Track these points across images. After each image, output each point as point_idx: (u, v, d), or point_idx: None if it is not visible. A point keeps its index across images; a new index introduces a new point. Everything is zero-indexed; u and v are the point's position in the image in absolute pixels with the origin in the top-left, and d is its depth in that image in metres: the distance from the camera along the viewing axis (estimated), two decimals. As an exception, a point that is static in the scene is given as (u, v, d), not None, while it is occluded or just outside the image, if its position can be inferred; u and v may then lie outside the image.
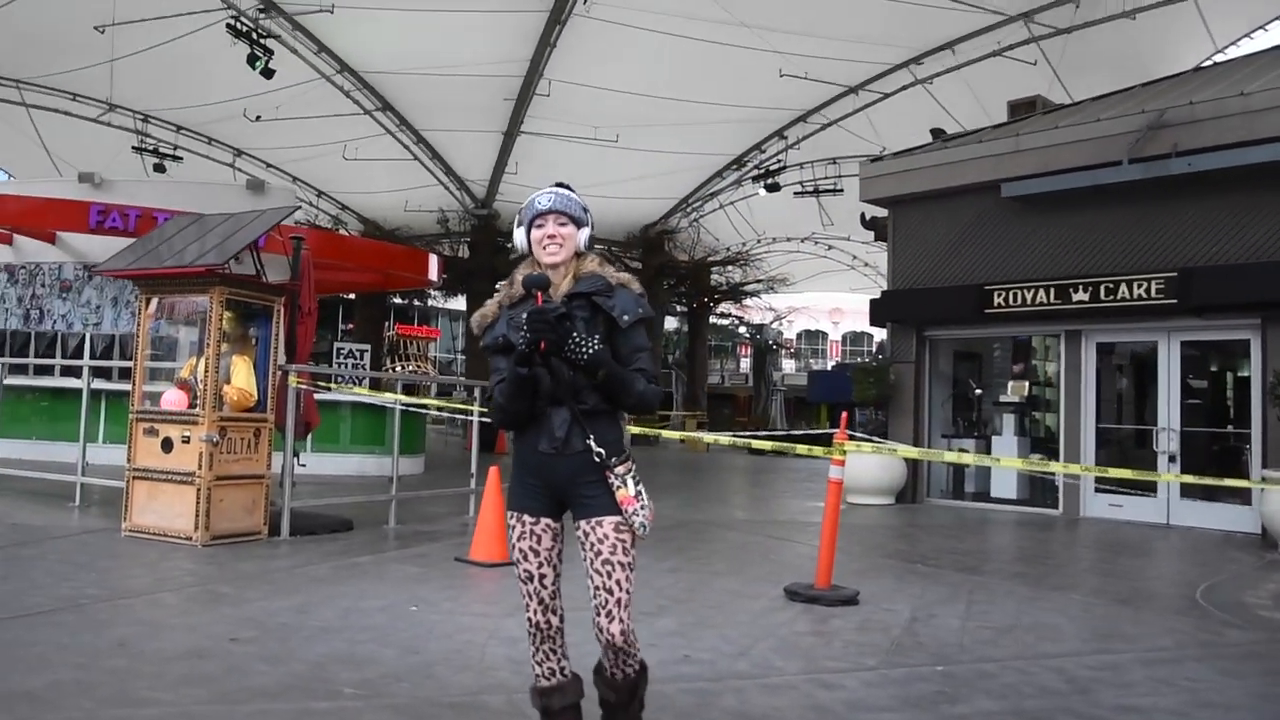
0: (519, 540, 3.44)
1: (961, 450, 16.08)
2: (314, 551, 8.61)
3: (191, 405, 8.91)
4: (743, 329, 51.45)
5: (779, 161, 31.63)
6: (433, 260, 22.86)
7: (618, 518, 3.36)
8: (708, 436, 16.63)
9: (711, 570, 8.71)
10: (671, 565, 8.81)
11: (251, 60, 23.06)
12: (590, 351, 3.28)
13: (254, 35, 22.98)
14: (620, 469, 3.37)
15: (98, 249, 17.33)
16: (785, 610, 7.00)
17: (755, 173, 32.98)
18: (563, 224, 3.48)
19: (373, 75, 28.47)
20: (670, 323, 51.36)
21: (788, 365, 65.01)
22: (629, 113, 28.31)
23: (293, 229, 14.72)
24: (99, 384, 13.18)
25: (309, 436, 11.21)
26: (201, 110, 30.43)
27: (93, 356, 18.57)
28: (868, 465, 15.06)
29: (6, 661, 4.84)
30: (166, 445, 8.94)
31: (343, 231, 37.07)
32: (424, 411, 15.18)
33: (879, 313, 17.11)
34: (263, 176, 32.58)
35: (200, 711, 4.21)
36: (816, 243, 40.20)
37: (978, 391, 17.90)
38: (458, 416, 15.55)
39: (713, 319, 46.67)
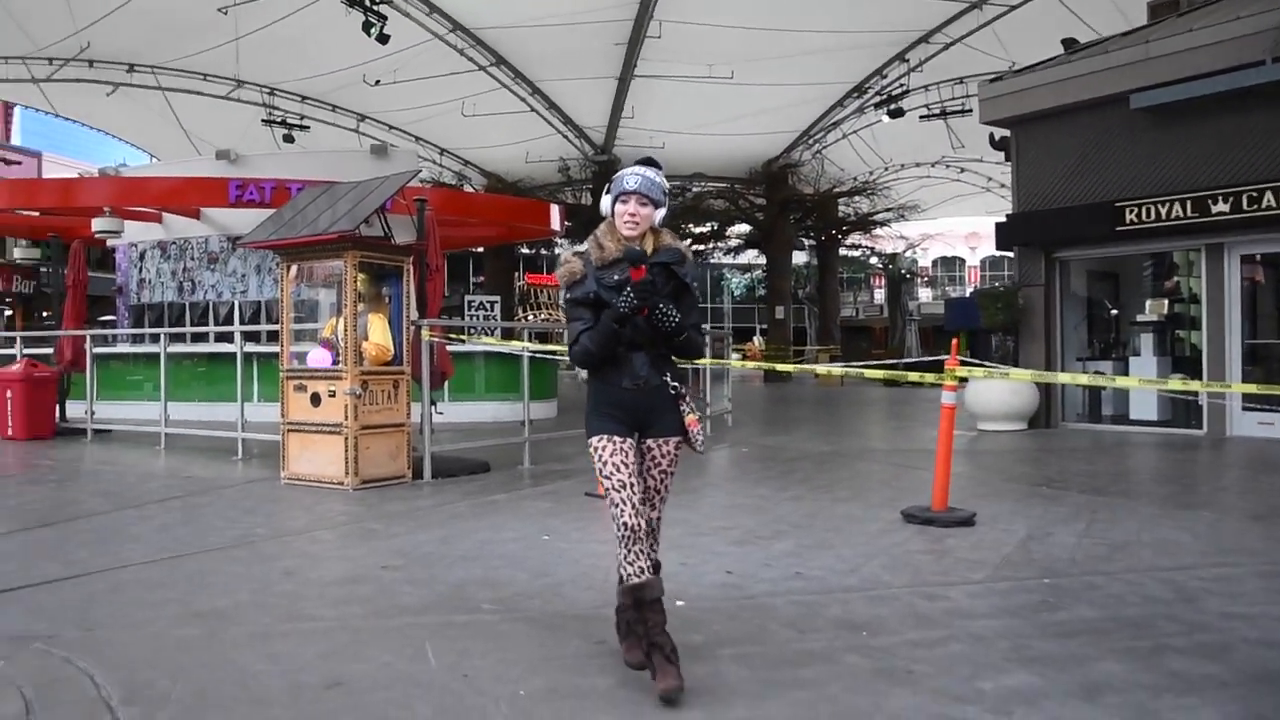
0: (611, 457, 4.00)
1: (1096, 373, 15.96)
2: (454, 491, 9.28)
3: (335, 362, 9.65)
4: (874, 260, 51.02)
5: (901, 86, 31.07)
6: (554, 210, 23.39)
7: (678, 438, 4.19)
8: (819, 369, 16.56)
9: (833, 497, 9.06)
10: (794, 494, 9.24)
11: (366, 27, 23.81)
12: (676, 319, 3.99)
13: (366, 2, 23.69)
14: (688, 398, 4.19)
15: (238, 221, 18.43)
16: (901, 532, 7.33)
17: (877, 99, 32.49)
18: (643, 204, 4.08)
19: (484, 31, 28.96)
20: (799, 257, 51.21)
21: (924, 294, 64.25)
22: (742, 48, 28.28)
23: (416, 190, 15.46)
24: (250, 347, 14.08)
25: (445, 385, 11.91)
26: (324, 79, 31.43)
27: (242, 322, 19.69)
28: (997, 391, 15.12)
29: (197, 587, 5.58)
30: (315, 400, 9.72)
31: (467, 188, 37.97)
32: (554, 358, 15.75)
33: (1005, 237, 16.88)
34: (386, 139, 33.59)
35: (358, 624, 4.86)
36: (948, 166, 39.51)
37: (1113, 312, 17.62)
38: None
39: (842, 251, 46.31)
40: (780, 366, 11.42)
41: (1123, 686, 3.99)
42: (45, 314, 27.57)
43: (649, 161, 4.21)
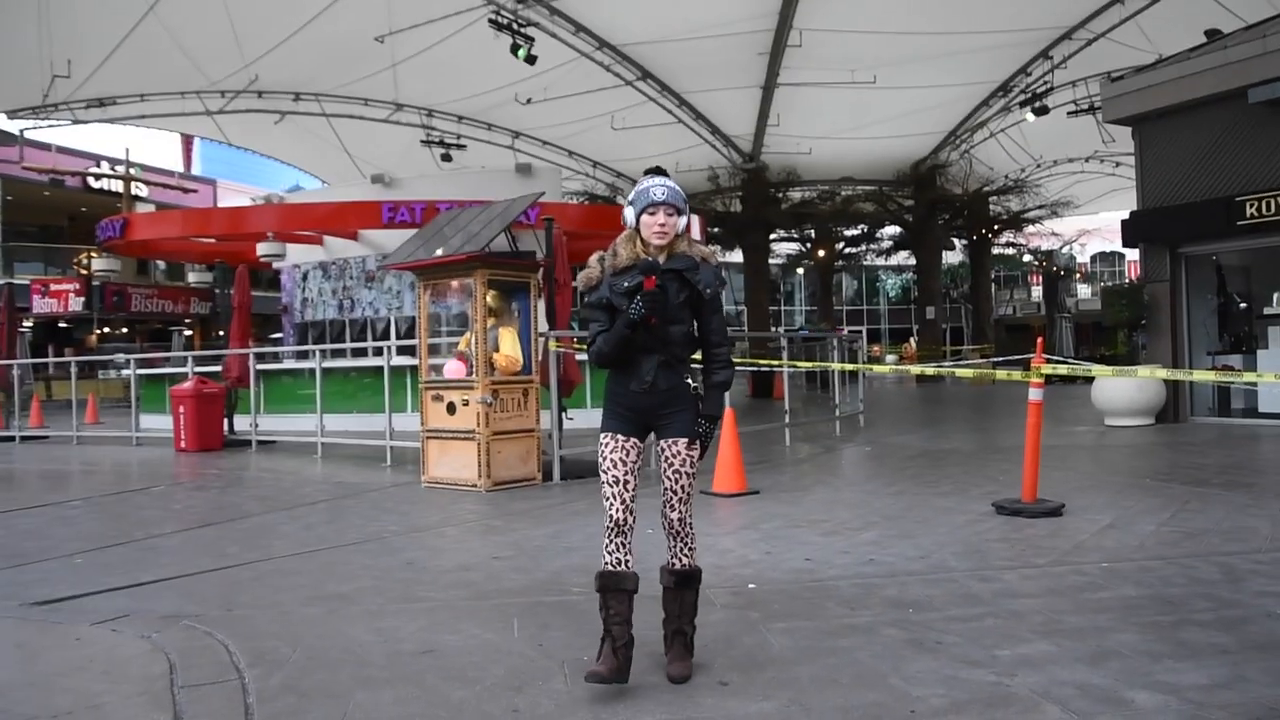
0: (611, 453, 4.23)
1: (1225, 367, 15.81)
2: (579, 491, 9.88)
3: (469, 373, 10.36)
4: (1028, 257, 50.23)
5: (1045, 83, 30.88)
6: (694, 221, 23.93)
7: (688, 438, 4.28)
8: (913, 369, 16.62)
9: (935, 492, 9.38)
10: (898, 489, 9.60)
11: (514, 49, 24.82)
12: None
13: (514, 26, 24.65)
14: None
15: (392, 241, 19.42)
16: (986, 522, 7.63)
17: (1022, 97, 32.28)
18: (670, 214, 4.22)
19: (629, 47, 29.78)
20: (951, 257, 50.70)
21: (1083, 290, 62.86)
22: (884, 52, 28.53)
23: (557, 207, 16.13)
24: (403, 360, 14.95)
25: (573, 393, 12.54)
26: (478, 99, 32.67)
27: (398, 336, 20.76)
28: (1123, 387, 15.09)
29: (326, 575, 6.29)
30: (451, 409, 10.46)
31: (619, 199, 38.78)
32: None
33: (1130, 234, 16.92)
34: (539, 154, 34.75)
35: (460, 604, 5.48)
36: (1102, 161, 38.91)
37: (1242, 305, 17.41)
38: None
39: (996, 250, 45.81)
40: (877, 368, 11.74)
41: (1129, 654, 4.31)
42: (219, 333, 29.33)
43: (659, 171, 4.37)
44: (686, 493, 4.35)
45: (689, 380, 4.33)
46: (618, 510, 4.21)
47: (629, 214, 4.33)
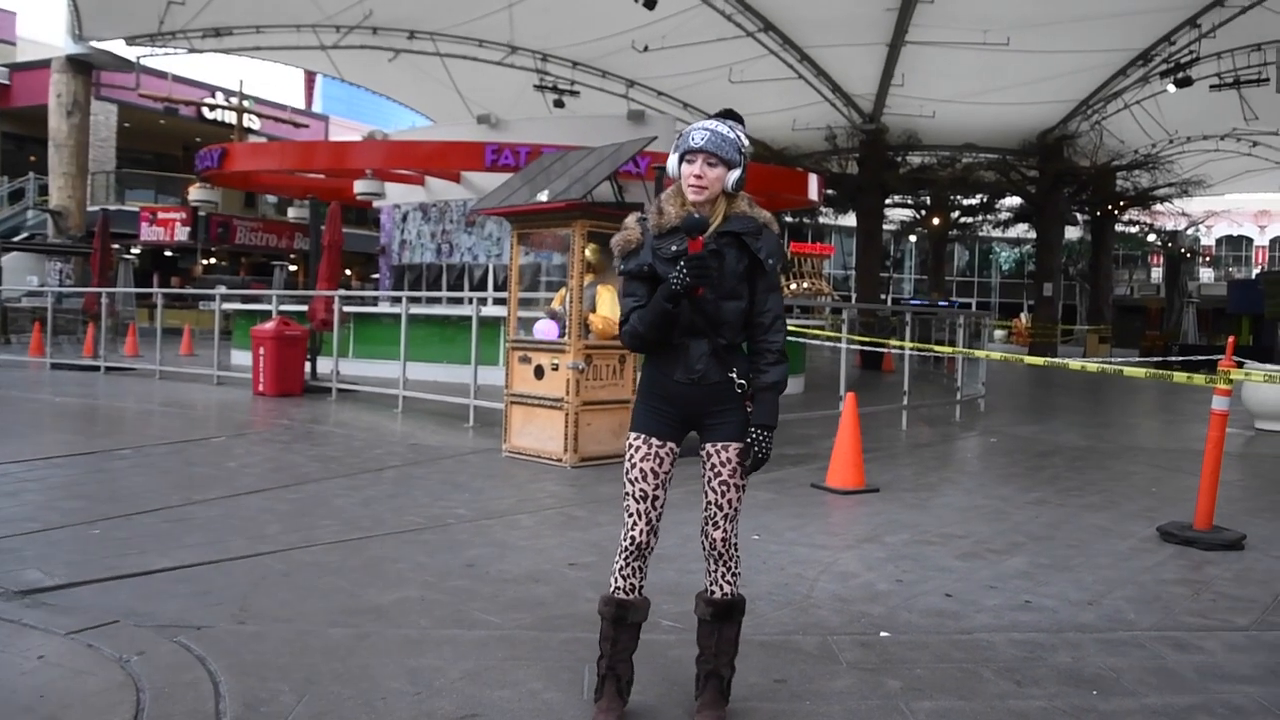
0: (642, 460, 3.48)
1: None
2: (676, 475, 8.79)
3: (561, 334, 9.31)
4: (1152, 237, 47.98)
5: (1191, 53, 28.67)
6: (812, 180, 22.68)
7: (741, 444, 3.47)
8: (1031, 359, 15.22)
9: (1081, 503, 8.15)
10: (1038, 497, 8.38)
11: (634, -9, 23.62)
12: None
13: (635, -33, 23.48)
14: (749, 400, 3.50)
15: (496, 185, 18.50)
16: (1155, 553, 6.44)
17: (1164, 67, 30.15)
18: (711, 164, 3.40)
19: (751, -4, 28.34)
20: (1071, 232, 48.71)
21: (1205, 274, 60.24)
22: (1020, 12, 26.73)
23: (667, 156, 15.02)
24: (496, 311, 14.02)
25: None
26: (594, 45, 31.50)
27: (496, 286, 19.86)
28: (1277, 387, 13.63)
29: (370, 576, 5.29)
30: (539, 373, 9.43)
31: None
32: (804, 333, 14.98)
33: None
34: (654, 105, 33.59)
35: (521, 636, 4.41)
36: (1239, 140, 36.96)
37: None
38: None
39: (1119, 227, 43.84)
40: (1028, 359, 10.44)
41: None
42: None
43: (728, 114, 3.54)
44: (734, 508, 3.57)
45: (733, 375, 3.44)
46: (642, 531, 3.50)
47: (672, 162, 3.45)
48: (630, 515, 3.50)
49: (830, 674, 4.07)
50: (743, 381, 3.43)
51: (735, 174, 3.43)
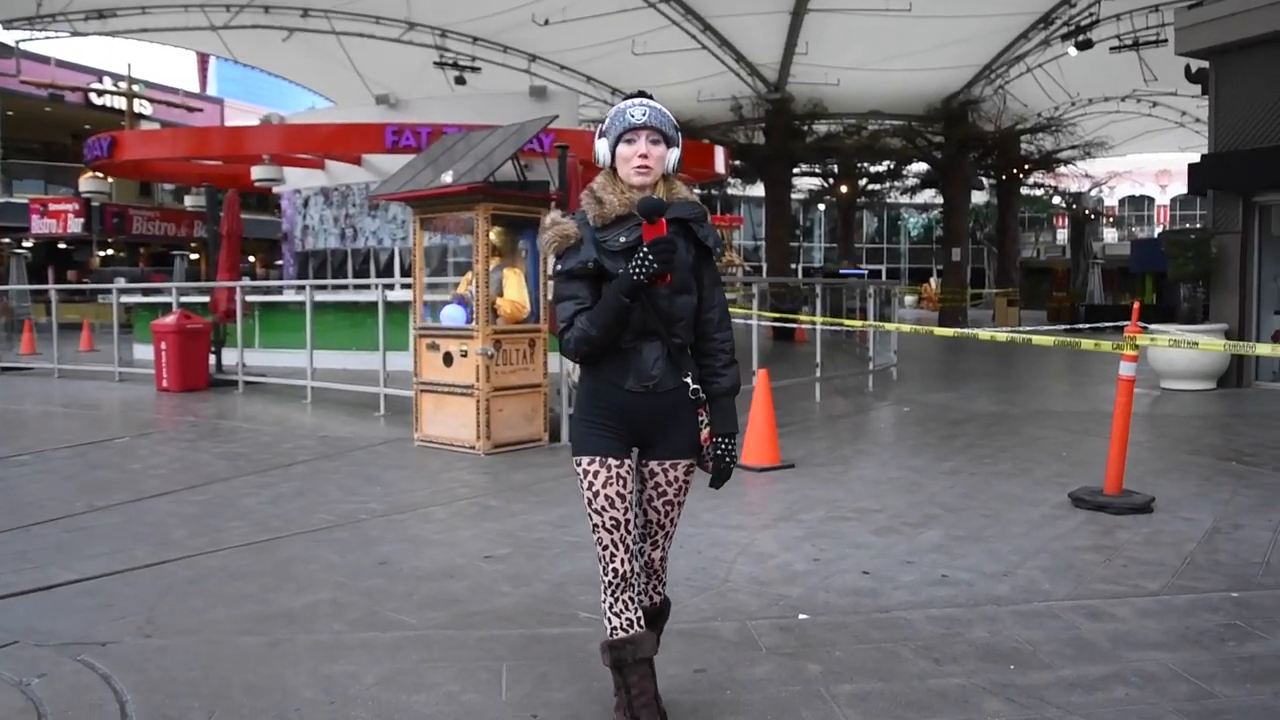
0: (604, 486, 3.14)
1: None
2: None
3: (468, 320, 9.20)
4: (1057, 199, 48.80)
5: (1090, 15, 29.10)
6: (719, 152, 22.69)
7: (690, 460, 3.26)
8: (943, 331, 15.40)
9: (994, 471, 8.26)
10: (951, 466, 8.49)
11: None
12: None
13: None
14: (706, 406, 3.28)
15: (397, 167, 18.24)
16: (1067, 519, 6.53)
17: (1064, 30, 30.61)
18: (655, 142, 3.14)
19: (653, -34, 28.20)
20: (978, 197, 49.37)
21: (1109, 235, 61.41)
22: (923, -23, 26.97)
23: (570, 133, 14.91)
24: (403, 296, 13.82)
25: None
26: (494, 20, 31.08)
27: (402, 271, 19.61)
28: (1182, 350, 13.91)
29: (280, 580, 5.18)
30: (447, 360, 9.32)
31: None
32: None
33: (1199, 179, 15.26)
34: (557, 79, 33.33)
35: (436, 636, 4.35)
36: (1139, 101, 37.60)
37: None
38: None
39: (1024, 190, 44.51)
40: (938, 330, 10.56)
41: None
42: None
43: (641, 94, 3.23)
44: (674, 525, 3.38)
45: (688, 379, 3.18)
46: (622, 561, 3.17)
47: (601, 148, 3.19)
48: (605, 548, 3.17)
49: (750, 660, 4.07)
50: (697, 387, 3.19)
51: (675, 153, 3.21)
